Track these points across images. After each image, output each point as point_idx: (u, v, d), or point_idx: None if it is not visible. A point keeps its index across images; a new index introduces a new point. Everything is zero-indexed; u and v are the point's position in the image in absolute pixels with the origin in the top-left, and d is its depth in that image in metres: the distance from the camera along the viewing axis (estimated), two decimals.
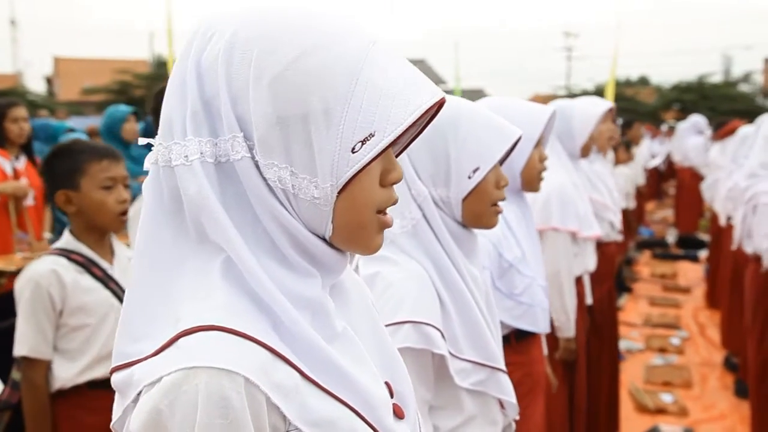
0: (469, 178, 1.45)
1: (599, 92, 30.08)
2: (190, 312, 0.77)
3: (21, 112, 4.29)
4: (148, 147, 0.84)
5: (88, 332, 2.00)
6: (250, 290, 0.79)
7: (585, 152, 3.19)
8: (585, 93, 31.29)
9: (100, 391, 2.00)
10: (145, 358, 0.77)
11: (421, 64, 41.23)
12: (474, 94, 35.13)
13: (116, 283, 2.06)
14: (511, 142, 1.49)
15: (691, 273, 7.91)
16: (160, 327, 0.78)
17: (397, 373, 0.93)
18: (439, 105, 0.85)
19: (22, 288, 1.96)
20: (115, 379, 0.81)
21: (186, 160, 0.80)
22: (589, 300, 3.16)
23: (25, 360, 1.95)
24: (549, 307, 2.06)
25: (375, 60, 0.80)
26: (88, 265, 2.02)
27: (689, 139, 9.13)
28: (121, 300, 2.07)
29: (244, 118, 0.79)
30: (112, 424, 0.82)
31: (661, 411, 4.30)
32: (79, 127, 8.41)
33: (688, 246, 8.96)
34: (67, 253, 2.02)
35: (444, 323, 1.40)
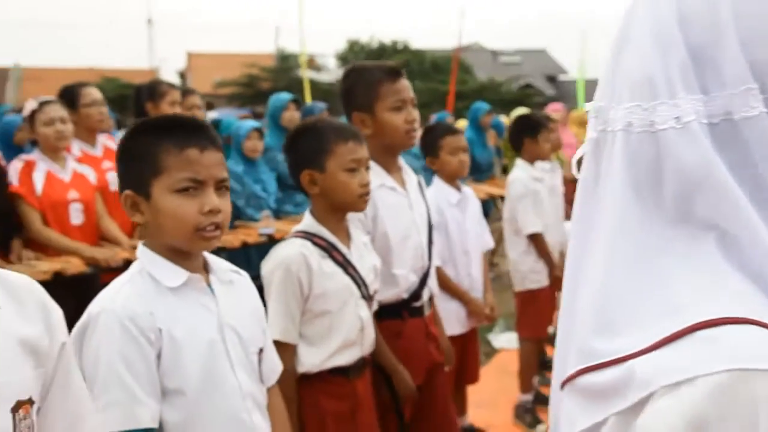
0: None
1: None
2: (695, 300, 0.65)
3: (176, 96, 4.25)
4: None
5: (329, 319, 1.97)
6: (760, 275, 0.66)
7: None
8: None
9: (340, 377, 1.98)
10: (642, 352, 0.66)
11: (540, 54, 40.28)
12: (597, 85, 33.90)
13: (354, 269, 2.02)
14: None
15: None
16: (650, 318, 0.66)
17: None
18: None
19: (271, 271, 1.95)
20: (593, 381, 0.69)
21: (677, 123, 0.68)
22: None
23: (277, 344, 1.94)
24: None
25: None
26: (329, 249, 1.99)
27: None
28: (359, 286, 2.02)
29: (759, 65, 0.66)
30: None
31: None
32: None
33: None
34: (310, 236, 1.99)
35: None
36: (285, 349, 1.93)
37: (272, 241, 4.41)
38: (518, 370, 4.04)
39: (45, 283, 3.12)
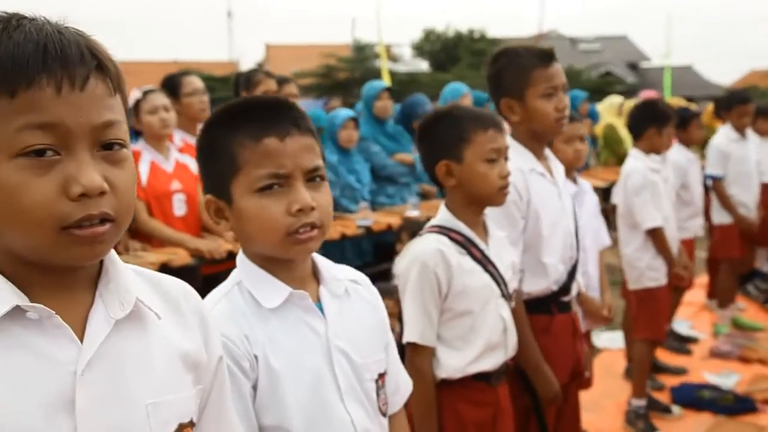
0: None
1: None
2: None
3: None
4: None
5: (471, 320, 1.82)
6: None
7: None
8: None
9: (482, 383, 1.83)
10: None
11: (621, 40, 39.02)
12: (683, 72, 32.68)
13: (494, 266, 1.85)
14: None
15: None
16: None
17: None
18: None
19: (407, 268, 1.80)
20: None
21: None
22: None
23: (413, 347, 1.80)
24: None
25: None
26: (467, 245, 1.83)
27: None
28: (498, 284, 1.86)
29: None
30: None
31: None
32: None
33: None
34: (446, 231, 1.84)
35: None
36: (422, 353, 1.79)
37: (369, 233, 4.31)
38: (633, 373, 3.80)
39: None
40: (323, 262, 1.31)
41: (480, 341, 1.82)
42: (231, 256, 3.48)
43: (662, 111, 3.85)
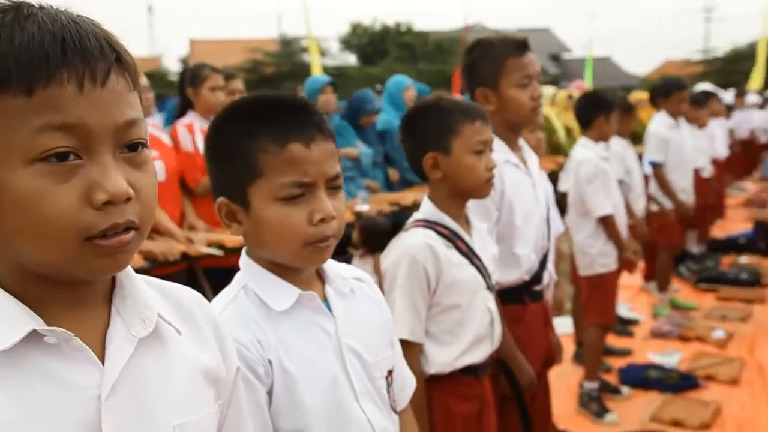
0: None
1: (740, 56, 28.07)
2: None
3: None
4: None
5: (459, 313, 1.82)
6: None
7: None
8: (726, 57, 29.26)
9: (470, 377, 1.84)
10: None
11: (544, 33, 39.91)
12: (602, 63, 33.64)
13: (478, 258, 1.87)
14: None
15: None
16: None
17: None
18: None
19: (396, 263, 1.79)
20: None
21: None
22: None
23: (403, 344, 1.79)
24: None
25: None
26: (453, 239, 1.84)
27: None
28: (484, 276, 1.88)
29: None
30: None
31: None
32: None
33: None
34: (432, 225, 1.84)
35: None
36: (412, 349, 1.77)
37: None
38: (586, 356, 3.90)
39: None
40: (328, 261, 1.27)
41: (468, 335, 1.82)
42: (184, 258, 3.39)
43: (608, 100, 3.98)
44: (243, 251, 1.28)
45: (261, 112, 1.19)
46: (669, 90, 5.23)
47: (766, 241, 6.86)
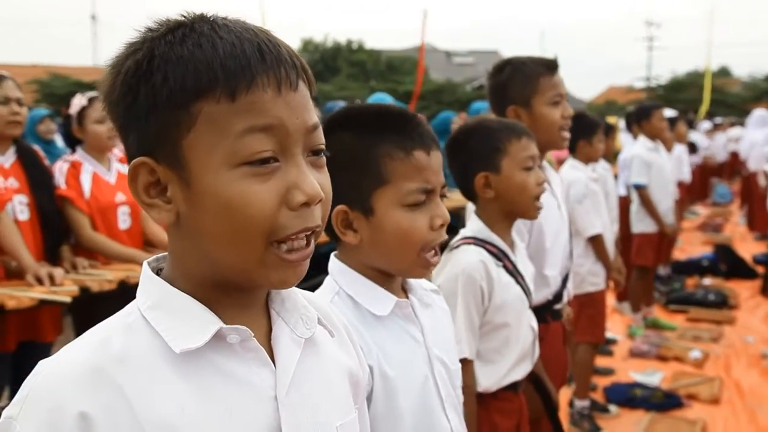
0: None
1: (680, 84, 29.17)
2: None
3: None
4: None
5: (507, 332, 1.81)
6: None
7: None
8: (667, 85, 30.30)
9: (511, 393, 1.84)
10: None
11: (493, 55, 40.67)
12: None
13: (522, 277, 1.86)
14: None
15: None
16: None
17: None
18: None
19: (453, 280, 1.74)
20: None
21: None
22: None
23: (463, 362, 1.76)
24: None
25: None
26: (501, 257, 1.82)
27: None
28: (527, 295, 1.87)
29: None
30: None
31: None
32: None
33: None
34: (482, 243, 1.82)
35: None
36: (469, 367, 1.76)
37: None
38: (576, 375, 3.94)
39: (109, 293, 2.83)
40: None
41: (513, 354, 1.81)
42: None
43: (589, 122, 4.05)
44: (332, 257, 1.28)
45: (382, 121, 1.22)
46: (648, 111, 5.37)
47: (727, 264, 7.08)
